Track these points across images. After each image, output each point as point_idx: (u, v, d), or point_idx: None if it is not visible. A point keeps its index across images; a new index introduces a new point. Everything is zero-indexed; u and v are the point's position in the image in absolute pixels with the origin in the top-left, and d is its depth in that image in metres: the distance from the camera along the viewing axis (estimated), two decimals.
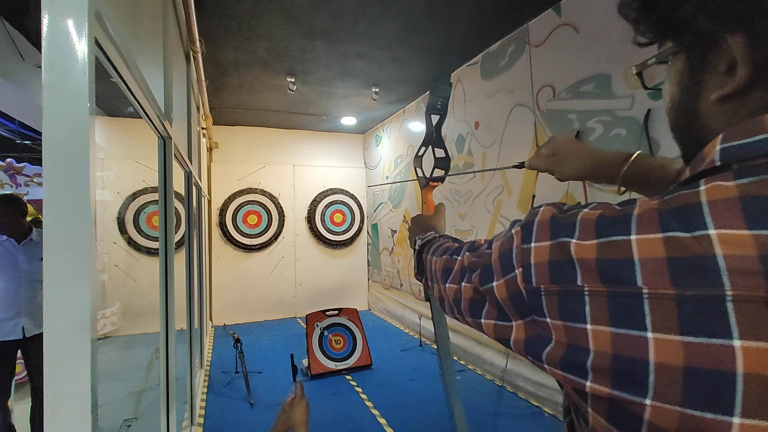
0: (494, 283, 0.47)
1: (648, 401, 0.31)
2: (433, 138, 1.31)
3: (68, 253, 0.67)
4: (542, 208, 0.44)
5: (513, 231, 0.45)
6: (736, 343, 0.28)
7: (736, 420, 0.27)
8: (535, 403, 3.15)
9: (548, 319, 0.39)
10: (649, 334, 0.31)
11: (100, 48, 0.84)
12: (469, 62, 4.10)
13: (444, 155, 1.29)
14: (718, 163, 0.34)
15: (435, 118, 1.31)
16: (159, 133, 1.65)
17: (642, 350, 0.31)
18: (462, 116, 4.25)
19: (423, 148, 1.32)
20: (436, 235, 0.87)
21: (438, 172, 1.30)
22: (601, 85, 2.62)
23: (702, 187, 0.32)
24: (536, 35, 3.19)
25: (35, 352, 2.62)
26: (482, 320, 0.52)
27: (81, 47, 0.69)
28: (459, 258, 0.61)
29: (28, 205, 2.84)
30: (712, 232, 0.30)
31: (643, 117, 2.33)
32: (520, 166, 1.00)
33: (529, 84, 3.27)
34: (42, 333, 0.67)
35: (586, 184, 2.73)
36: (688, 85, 0.40)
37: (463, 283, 0.57)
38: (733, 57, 0.35)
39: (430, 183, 1.24)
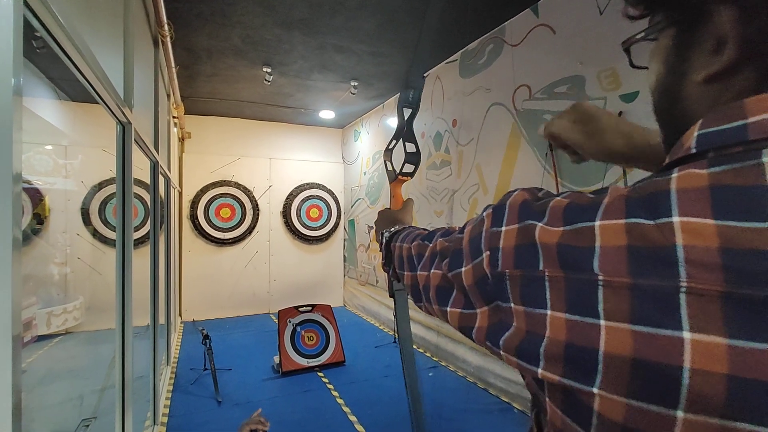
0: (463, 269, 0.46)
1: (596, 390, 0.30)
2: (404, 132, 1.28)
3: None
4: (516, 192, 0.43)
5: (484, 214, 0.45)
6: (686, 335, 0.27)
7: (680, 414, 0.27)
8: (505, 399, 3.19)
9: (512, 305, 0.38)
10: (602, 322, 0.30)
11: (32, 12, 0.76)
12: (448, 60, 4.09)
13: (415, 150, 1.27)
14: (693, 151, 0.32)
15: (407, 112, 1.28)
16: (117, 118, 1.56)
17: (593, 338, 0.31)
18: (440, 113, 4.24)
19: (394, 142, 1.29)
20: (405, 226, 0.86)
21: (408, 168, 1.27)
22: (575, 87, 2.65)
23: (674, 175, 0.31)
24: (514, 35, 3.21)
25: None
26: (448, 308, 0.50)
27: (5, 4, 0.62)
28: (431, 244, 0.59)
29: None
30: (675, 219, 0.29)
31: None
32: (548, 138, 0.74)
33: (507, 83, 3.28)
34: None
35: (559, 183, 2.76)
36: (674, 63, 0.38)
37: (432, 270, 0.55)
38: (722, 33, 0.33)
39: (399, 177, 1.21)
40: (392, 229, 0.87)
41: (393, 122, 5.31)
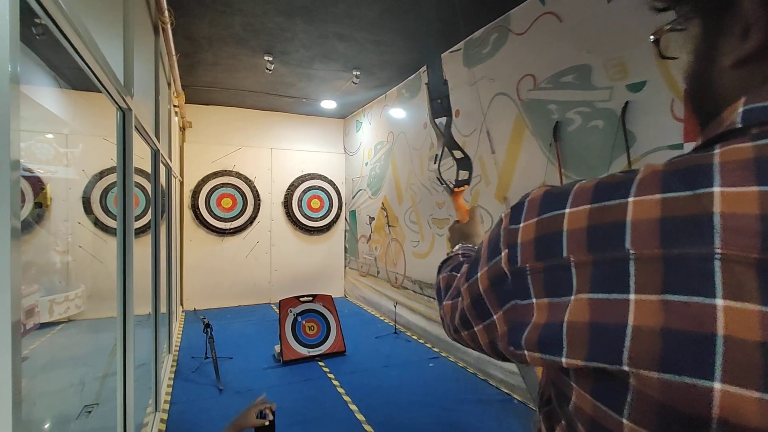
0: (479, 273, 0.46)
1: (625, 368, 0.29)
2: (447, 142, 1.27)
3: None
4: (535, 189, 0.42)
5: (503, 214, 0.45)
6: (719, 302, 0.26)
7: (717, 385, 0.26)
8: (505, 391, 3.20)
9: (533, 300, 0.37)
10: (631, 296, 0.30)
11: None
12: (451, 49, 4.04)
13: (463, 155, 1.26)
14: (739, 125, 0.32)
15: (442, 123, 1.26)
16: (117, 104, 1.54)
17: (621, 314, 0.30)
18: None
19: (438, 156, 1.27)
20: (458, 251, 0.85)
21: (462, 174, 1.26)
22: (581, 76, 2.61)
23: (716, 150, 0.30)
24: (519, 23, 3.16)
25: None
26: (475, 328, 0.49)
27: None
28: (458, 273, 0.58)
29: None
30: (716, 189, 0.28)
31: (621, 109, 2.33)
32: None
33: (511, 73, 3.24)
34: None
35: (563, 174, 2.74)
36: (703, 49, 0.39)
37: (458, 298, 0.54)
38: (747, 19, 0.33)
39: (456, 190, 1.19)
40: (456, 247, 0.87)
41: (395, 112, 5.27)
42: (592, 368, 0.32)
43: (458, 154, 1.24)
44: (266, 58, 4.23)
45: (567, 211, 0.36)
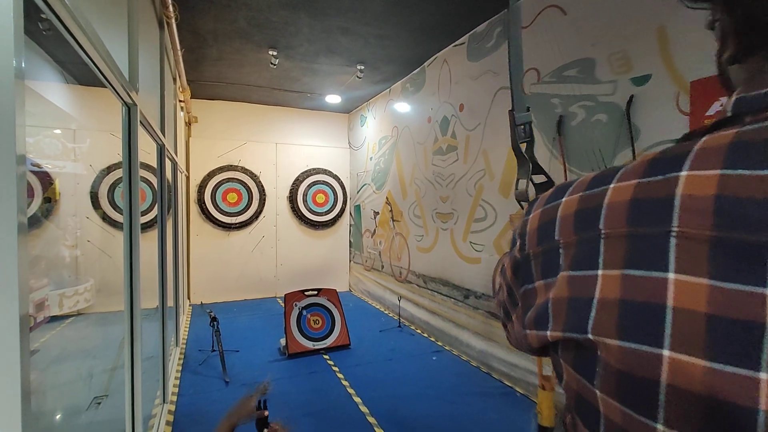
0: (506, 263, 0.50)
1: (590, 336, 0.32)
2: (531, 166, 1.28)
3: None
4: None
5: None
6: (671, 276, 0.28)
7: (666, 353, 0.28)
8: (508, 384, 3.22)
9: (535, 284, 0.41)
10: (599, 272, 0.32)
11: None
12: (455, 42, 4.01)
13: (545, 179, 1.26)
14: (729, 114, 0.34)
15: (524, 147, 1.27)
16: (122, 99, 1.56)
17: (590, 288, 0.33)
18: (447, 98, 4.19)
19: (524, 181, 1.29)
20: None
21: None
22: (585, 70, 2.59)
23: (704, 138, 0.32)
24: (524, 16, 3.13)
25: None
26: (513, 317, 0.50)
27: None
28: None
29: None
30: (683, 173, 0.30)
31: (626, 103, 2.31)
32: None
33: None
34: None
35: (567, 169, 2.72)
36: (719, 45, 0.42)
37: (500, 291, 0.57)
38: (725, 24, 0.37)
39: None
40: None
41: (399, 106, 5.26)
42: (570, 340, 0.34)
43: (540, 179, 1.24)
44: (271, 52, 4.23)
45: (563, 199, 0.39)
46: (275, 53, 4.24)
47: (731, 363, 0.25)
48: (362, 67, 4.67)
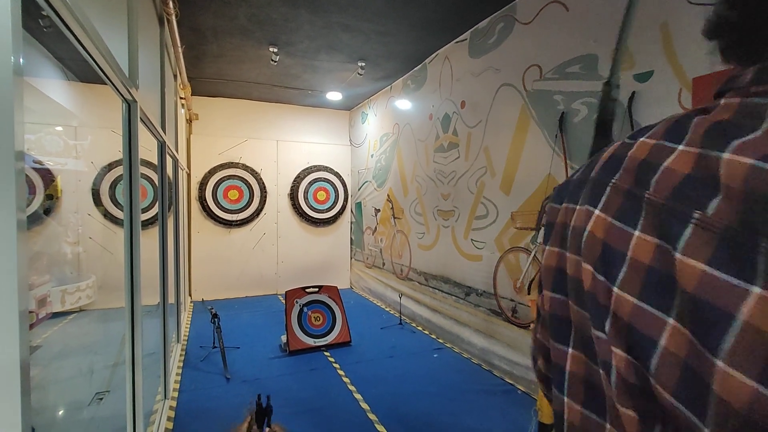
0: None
1: (616, 288, 0.36)
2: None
3: None
4: None
5: None
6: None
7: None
8: (509, 381, 3.22)
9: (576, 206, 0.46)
10: (636, 232, 0.35)
11: None
12: (457, 39, 4.00)
13: None
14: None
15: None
16: (122, 96, 1.56)
17: (625, 243, 0.37)
18: (448, 95, 4.18)
19: None
20: None
21: None
22: (587, 66, 2.58)
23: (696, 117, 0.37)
24: (525, 12, 3.11)
25: None
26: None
27: None
28: None
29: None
30: (641, 139, 0.38)
31: (628, 99, 2.30)
32: None
33: (517, 63, 3.20)
34: None
35: (568, 165, 2.71)
36: None
37: None
38: None
39: None
40: None
41: (400, 104, 5.25)
42: (591, 276, 0.39)
43: None
44: (271, 49, 4.22)
45: (641, 140, 0.41)
46: (276, 50, 4.23)
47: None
48: (363, 64, 4.66)
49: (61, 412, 2.75)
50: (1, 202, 0.60)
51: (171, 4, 2.62)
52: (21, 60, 0.67)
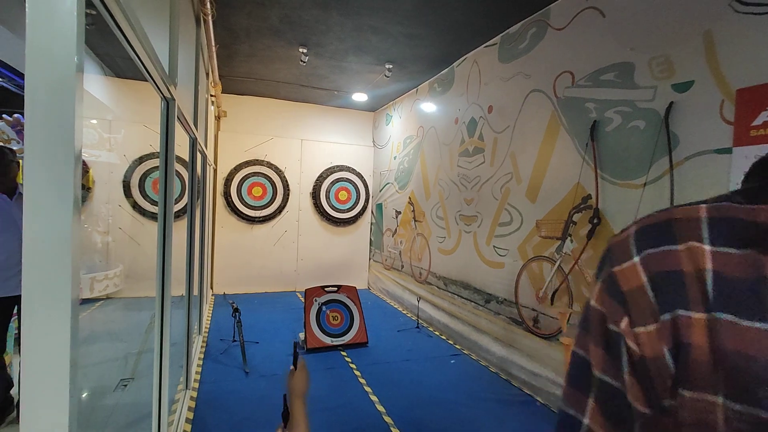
0: None
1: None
2: None
3: (49, 214, 0.63)
4: None
5: None
6: None
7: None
8: (528, 392, 3.17)
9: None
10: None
11: None
12: (486, 43, 3.96)
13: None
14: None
15: None
16: (162, 94, 1.61)
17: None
18: (476, 99, 4.14)
19: None
20: None
21: None
22: (623, 74, 2.52)
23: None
24: (559, 18, 3.06)
25: None
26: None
27: None
28: None
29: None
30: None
31: (665, 110, 2.24)
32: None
33: (549, 69, 3.15)
34: None
35: (599, 176, 2.65)
36: None
37: None
38: None
39: None
40: None
41: (426, 106, 5.23)
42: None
43: None
44: (301, 50, 4.28)
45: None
46: (305, 50, 4.28)
47: None
48: (390, 66, 4.67)
49: (85, 396, 2.85)
50: (63, 194, 0.63)
51: (208, 5, 2.69)
52: (83, 58, 0.70)
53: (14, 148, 4.67)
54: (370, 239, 7.05)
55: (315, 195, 6.61)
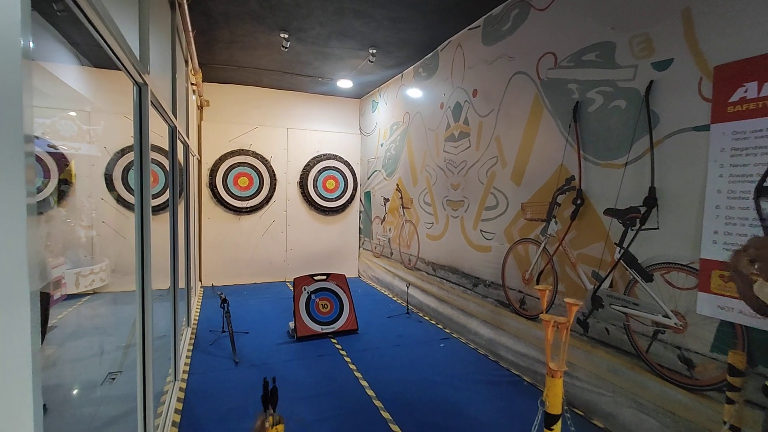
0: None
1: None
2: None
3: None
4: None
5: None
6: None
7: None
8: (516, 372, 3.22)
9: None
10: None
11: None
12: (470, 26, 3.92)
13: None
14: None
15: None
16: (133, 79, 1.56)
17: None
18: (460, 83, 4.12)
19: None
20: None
21: None
22: (604, 54, 2.51)
23: None
24: None
25: None
26: None
27: None
28: None
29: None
30: None
31: (645, 88, 2.24)
32: None
33: (532, 50, 3.14)
34: None
35: (581, 158, 2.67)
36: None
37: None
38: None
39: None
40: None
41: (411, 92, 5.19)
42: None
43: None
44: (282, 35, 4.19)
45: None
46: (287, 36, 4.20)
47: None
48: (374, 51, 4.61)
49: (75, 391, 2.82)
50: (12, 187, 0.60)
51: None
52: (30, 43, 0.67)
53: None
54: (359, 227, 7.04)
55: (302, 184, 6.55)
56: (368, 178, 6.68)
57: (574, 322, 2.65)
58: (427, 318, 4.64)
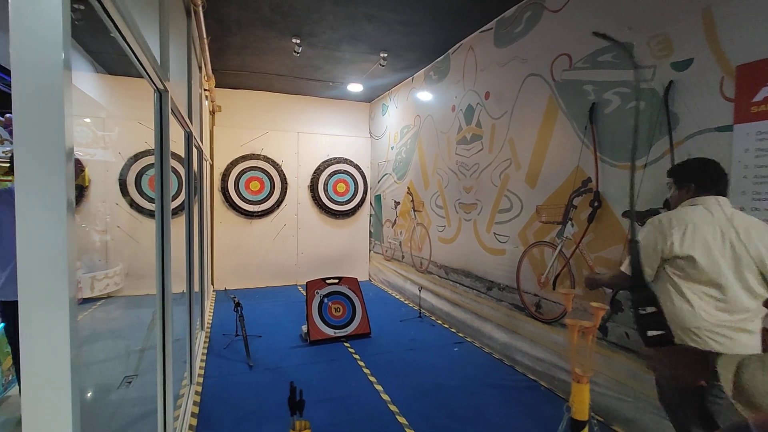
0: None
1: None
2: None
3: (40, 213, 0.62)
4: None
5: None
6: None
7: None
8: (532, 377, 3.18)
9: None
10: None
11: None
12: (482, 28, 3.91)
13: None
14: None
15: None
16: (155, 85, 1.57)
17: None
18: (472, 86, 4.10)
19: None
20: None
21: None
22: (621, 55, 2.49)
23: None
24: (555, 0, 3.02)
25: None
26: None
27: None
28: None
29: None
30: None
31: (664, 89, 2.21)
32: None
33: (545, 52, 3.12)
34: None
35: (598, 160, 2.64)
36: None
37: None
38: None
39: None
40: None
41: (422, 95, 5.19)
42: None
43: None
44: (294, 40, 4.22)
45: None
46: (298, 41, 4.23)
47: None
48: (385, 55, 4.62)
49: (91, 394, 2.85)
50: (55, 195, 0.61)
51: None
52: (69, 54, 0.68)
53: (6, 148, 4.62)
54: (370, 231, 7.04)
55: (313, 188, 6.58)
56: (378, 182, 6.69)
57: None
58: (439, 322, 4.61)
